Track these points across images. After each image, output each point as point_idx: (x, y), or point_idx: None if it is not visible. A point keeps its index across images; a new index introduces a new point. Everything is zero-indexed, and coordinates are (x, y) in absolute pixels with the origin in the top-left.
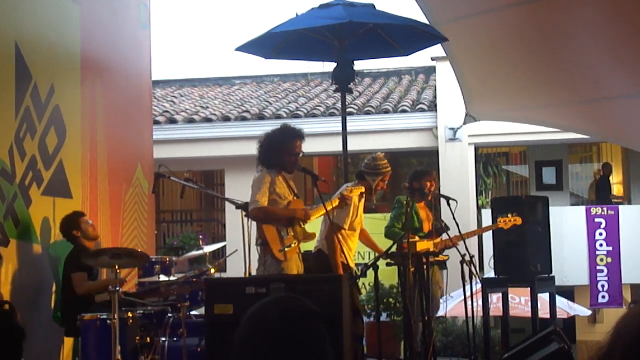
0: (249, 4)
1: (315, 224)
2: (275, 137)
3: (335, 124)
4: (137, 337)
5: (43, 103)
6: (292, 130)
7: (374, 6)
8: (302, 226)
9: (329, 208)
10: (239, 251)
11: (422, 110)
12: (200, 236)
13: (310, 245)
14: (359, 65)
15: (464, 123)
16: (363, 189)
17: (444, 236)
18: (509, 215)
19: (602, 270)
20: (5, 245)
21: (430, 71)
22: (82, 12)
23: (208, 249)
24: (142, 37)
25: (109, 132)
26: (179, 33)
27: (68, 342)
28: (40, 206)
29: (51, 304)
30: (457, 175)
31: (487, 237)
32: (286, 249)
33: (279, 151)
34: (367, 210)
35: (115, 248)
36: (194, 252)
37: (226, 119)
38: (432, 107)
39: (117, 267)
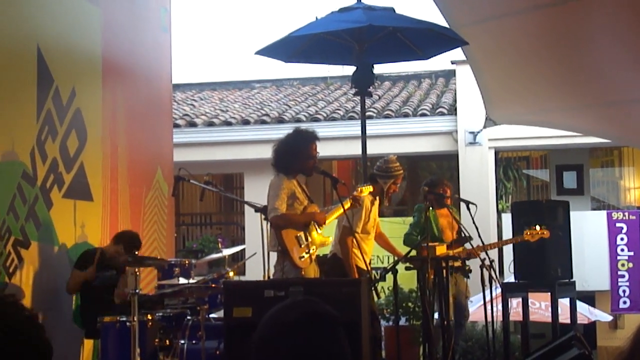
0: (268, 8)
1: (330, 229)
2: (291, 142)
3: (354, 128)
4: (157, 340)
5: (64, 106)
6: (307, 134)
7: (394, 10)
8: (319, 232)
9: (340, 212)
10: (258, 254)
11: (442, 114)
12: (220, 239)
13: (326, 250)
14: (379, 68)
15: (484, 127)
16: (372, 188)
17: (467, 246)
18: (537, 227)
19: (623, 276)
20: (26, 247)
21: (450, 75)
22: (103, 16)
23: (227, 252)
24: (163, 41)
25: (130, 136)
26: (199, 37)
27: (88, 344)
28: (61, 209)
29: (71, 306)
30: (477, 179)
31: None
32: (306, 255)
33: (297, 156)
34: (384, 214)
35: (135, 255)
36: (213, 255)
37: (246, 122)
38: (452, 110)
39: (137, 270)
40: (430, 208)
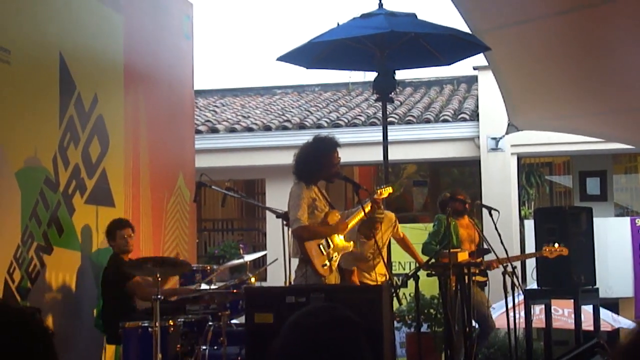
0: (290, 15)
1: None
2: (312, 150)
3: (376, 134)
4: (178, 345)
5: (87, 112)
6: (330, 141)
7: (416, 16)
8: (341, 237)
9: (362, 215)
10: (279, 260)
11: (464, 119)
12: (241, 245)
13: None
14: (401, 74)
15: (507, 133)
16: (391, 189)
17: (487, 257)
18: (556, 245)
19: None
20: (48, 253)
21: (472, 80)
22: (125, 23)
23: (249, 258)
24: (185, 48)
25: (152, 142)
26: (221, 43)
27: (110, 349)
28: (83, 214)
29: (93, 312)
30: (500, 185)
31: (530, 248)
32: (329, 262)
33: (319, 164)
34: (404, 220)
35: (156, 257)
36: (235, 261)
37: (267, 128)
38: (474, 116)
39: (158, 275)
40: (448, 216)
